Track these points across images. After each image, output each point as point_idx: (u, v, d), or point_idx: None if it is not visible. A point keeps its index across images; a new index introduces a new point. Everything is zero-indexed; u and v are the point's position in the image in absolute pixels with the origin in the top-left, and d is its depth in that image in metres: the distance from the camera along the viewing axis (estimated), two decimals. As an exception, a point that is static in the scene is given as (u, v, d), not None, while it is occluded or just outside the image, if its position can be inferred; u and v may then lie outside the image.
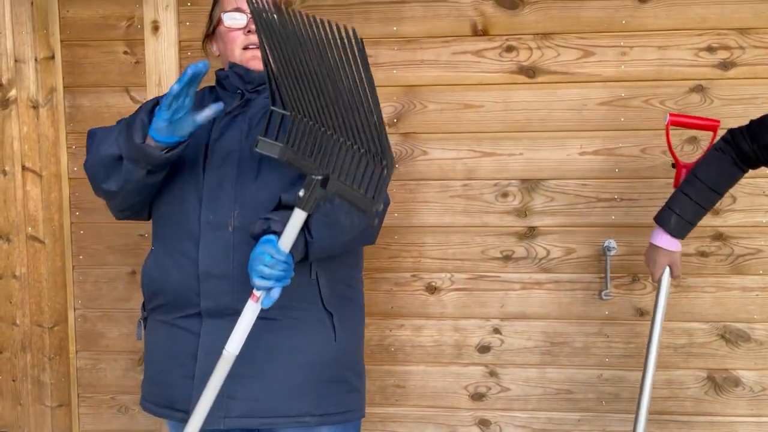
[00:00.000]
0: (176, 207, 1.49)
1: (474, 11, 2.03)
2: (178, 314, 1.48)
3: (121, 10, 2.10)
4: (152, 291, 1.52)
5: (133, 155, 1.36)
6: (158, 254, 1.51)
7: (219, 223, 1.44)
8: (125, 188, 1.42)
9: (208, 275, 1.43)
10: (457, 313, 2.13)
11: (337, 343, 1.50)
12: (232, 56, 1.55)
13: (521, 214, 2.08)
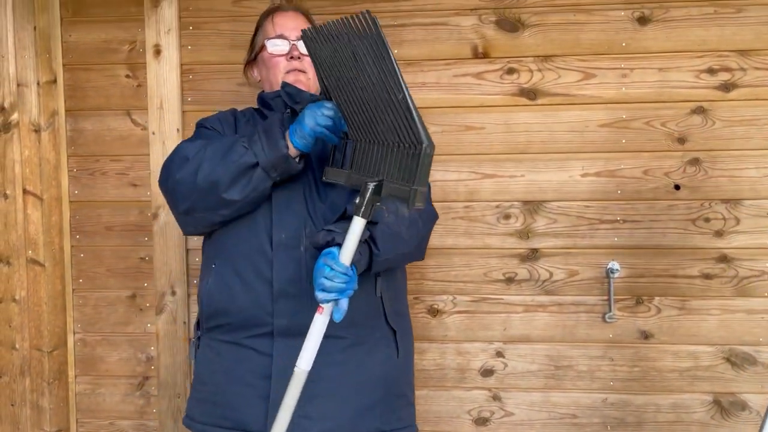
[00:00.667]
0: (244, 227, 1.50)
1: (475, 34, 2.04)
2: (246, 334, 1.49)
3: (123, 34, 2.12)
4: (214, 310, 1.52)
5: (274, 164, 1.40)
6: (223, 274, 1.51)
7: (290, 241, 1.47)
8: (248, 197, 1.44)
9: (283, 294, 1.46)
10: (460, 336, 2.11)
11: (399, 359, 1.57)
12: (275, 80, 1.62)
13: (523, 236, 2.07)
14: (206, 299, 1.54)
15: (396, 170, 1.23)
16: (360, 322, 1.49)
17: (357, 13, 1.17)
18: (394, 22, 2.05)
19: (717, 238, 2.00)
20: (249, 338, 1.49)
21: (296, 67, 1.60)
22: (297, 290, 1.45)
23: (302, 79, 1.61)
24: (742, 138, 1.98)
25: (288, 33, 1.62)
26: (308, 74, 1.61)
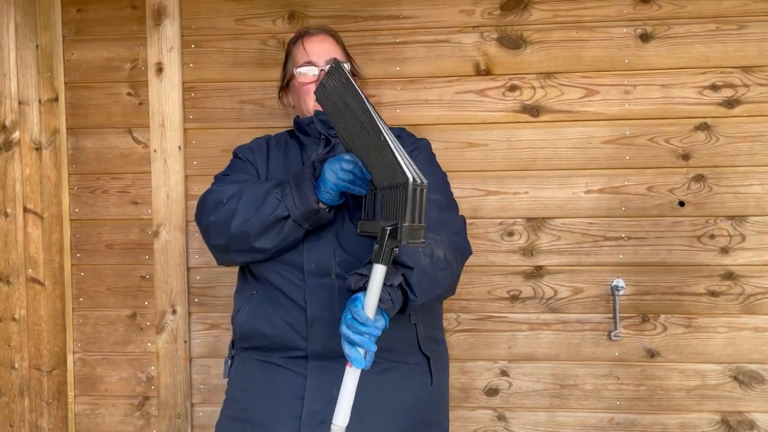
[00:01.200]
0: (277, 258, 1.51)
1: (477, 51, 2.04)
2: (281, 355, 1.51)
3: (125, 52, 2.12)
4: (250, 331, 1.54)
5: (305, 217, 1.42)
6: (260, 299, 1.53)
7: (321, 270, 1.49)
8: (281, 245, 1.47)
9: (316, 320, 1.47)
10: (464, 355, 2.08)
11: (434, 386, 1.55)
12: (306, 107, 1.64)
13: (527, 253, 2.05)
14: (244, 322, 1.55)
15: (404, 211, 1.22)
16: (393, 348, 1.48)
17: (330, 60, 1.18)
18: (396, 39, 2.05)
19: (723, 255, 1.99)
20: (284, 359, 1.51)
21: None
22: (330, 316, 1.47)
23: None
24: (747, 154, 1.97)
25: (317, 59, 1.64)
26: None
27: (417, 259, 1.39)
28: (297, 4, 2.06)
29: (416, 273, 1.37)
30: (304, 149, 1.65)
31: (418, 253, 1.40)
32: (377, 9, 2.05)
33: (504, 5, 2.02)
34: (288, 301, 1.50)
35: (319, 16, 2.06)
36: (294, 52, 1.67)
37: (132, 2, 2.10)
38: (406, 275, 1.36)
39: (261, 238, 1.45)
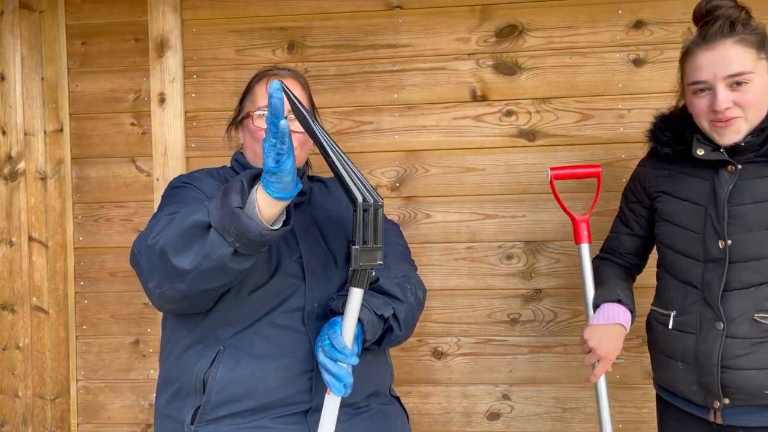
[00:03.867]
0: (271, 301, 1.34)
1: (473, 78, 2.07)
2: (275, 414, 1.31)
3: (129, 83, 2.16)
4: (233, 396, 1.30)
5: (224, 223, 1.11)
6: (236, 355, 1.31)
7: (323, 309, 1.36)
8: (201, 267, 1.15)
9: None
10: (465, 379, 2.09)
11: (408, 424, 1.54)
12: (258, 155, 1.44)
13: (527, 276, 2.06)
14: (220, 387, 1.30)
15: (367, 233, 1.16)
16: (380, 391, 1.46)
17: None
18: (394, 67, 2.09)
19: (721, 276, 1.99)
20: (277, 418, 1.32)
21: None
22: None
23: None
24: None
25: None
26: (299, 152, 1.45)
27: (406, 295, 1.36)
28: (296, 34, 2.11)
29: (404, 308, 1.34)
30: None
31: (407, 289, 1.38)
32: (375, 38, 2.10)
33: (499, 33, 2.06)
34: (285, 350, 1.31)
35: (318, 45, 2.11)
36: (255, 91, 1.50)
37: (135, 35, 2.15)
38: (396, 309, 1.32)
39: (178, 255, 1.15)
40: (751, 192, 1.40)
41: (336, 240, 1.47)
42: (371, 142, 2.10)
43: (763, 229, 1.39)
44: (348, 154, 1.86)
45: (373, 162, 2.11)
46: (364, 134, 2.11)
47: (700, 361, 1.44)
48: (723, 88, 1.37)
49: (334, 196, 1.59)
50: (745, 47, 1.36)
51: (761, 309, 1.39)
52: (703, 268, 1.45)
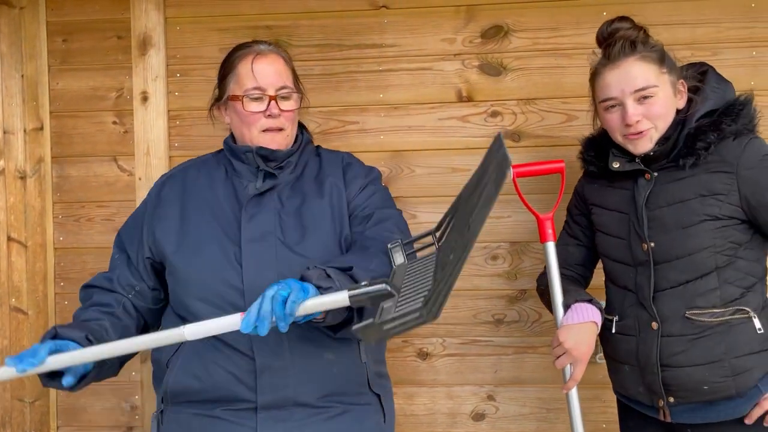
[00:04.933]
0: (212, 300, 1.40)
1: (459, 78, 2.07)
2: (225, 407, 1.40)
3: (110, 81, 2.13)
4: (185, 388, 1.42)
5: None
6: (193, 351, 1.40)
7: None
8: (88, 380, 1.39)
9: (266, 369, 1.39)
10: (451, 380, 2.08)
11: (386, 423, 1.53)
12: (249, 135, 1.50)
13: (511, 277, 2.07)
14: (175, 380, 1.43)
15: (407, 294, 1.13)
16: (346, 391, 1.45)
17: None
18: (379, 67, 2.08)
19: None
20: (228, 411, 1.40)
21: (274, 125, 1.48)
22: (281, 363, 1.39)
23: (279, 138, 1.50)
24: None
25: (267, 85, 1.48)
26: (286, 131, 1.52)
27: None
28: (282, 33, 2.10)
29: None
30: (238, 175, 1.52)
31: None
32: (361, 38, 2.09)
33: (484, 33, 2.06)
34: (230, 350, 1.39)
35: (303, 44, 2.09)
36: (240, 71, 1.49)
37: (117, 32, 2.13)
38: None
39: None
40: (664, 195, 1.50)
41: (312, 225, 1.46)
42: (357, 142, 2.09)
43: (679, 228, 1.47)
44: None
45: (359, 162, 2.10)
46: (350, 134, 2.10)
47: (642, 362, 1.51)
48: (631, 102, 1.48)
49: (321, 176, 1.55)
50: (647, 63, 1.49)
51: (692, 306, 1.46)
52: (634, 272, 1.53)
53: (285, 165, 1.52)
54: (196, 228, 1.46)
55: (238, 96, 1.48)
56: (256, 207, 1.46)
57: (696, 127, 1.48)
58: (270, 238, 1.43)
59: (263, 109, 1.48)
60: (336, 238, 1.48)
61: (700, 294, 1.46)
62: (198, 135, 2.11)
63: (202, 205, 1.49)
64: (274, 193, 1.49)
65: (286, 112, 1.49)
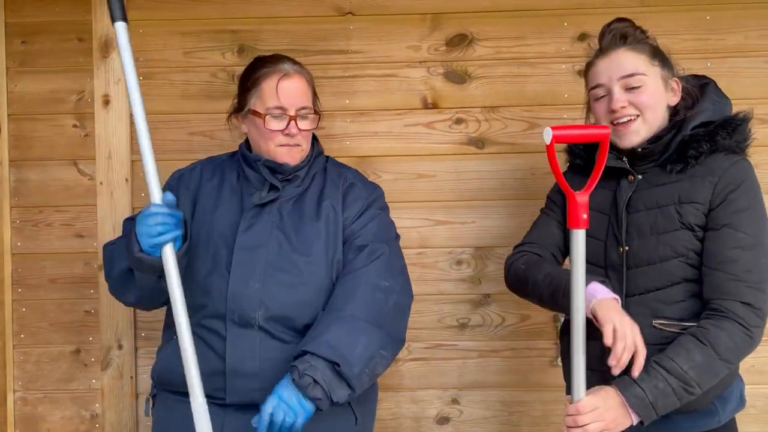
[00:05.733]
0: (200, 299, 1.50)
1: (424, 85, 2.09)
2: None
3: (71, 84, 2.10)
4: (168, 377, 1.54)
5: (138, 266, 1.40)
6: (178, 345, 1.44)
7: (245, 320, 1.47)
8: (144, 297, 1.50)
9: (236, 373, 1.47)
10: (415, 384, 2.10)
11: (357, 426, 1.57)
12: (265, 147, 1.57)
13: (476, 282, 2.09)
14: (160, 368, 1.57)
15: None
16: None
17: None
18: (345, 73, 2.09)
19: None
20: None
21: (291, 142, 1.56)
22: (251, 368, 1.47)
23: (294, 153, 1.58)
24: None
25: (289, 105, 1.55)
26: (302, 146, 1.59)
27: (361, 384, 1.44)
28: (247, 38, 2.09)
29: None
30: (248, 181, 1.60)
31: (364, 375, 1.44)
32: (327, 44, 2.09)
33: (449, 42, 2.09)
34: (207, 350, 1.48)
35: (269, 50, 2.07)
36: (264, 89, 1.55)
37: (79, 34, 2.09)
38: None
39: (124, 295, 1.54)
40: (645, 199, 1.48)
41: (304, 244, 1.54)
42: (323, 147, 2.09)
43: (655, 234, 1.45)
44: None
45: (325, 167, 2.10)
46: (316, 139, 2.10)
47: (607, 368, 1.42)
48: (618, 88, 1.48)
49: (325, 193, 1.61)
50: (637, 53, 1.49)
51: (659, 316, 1.43)
52: (604, 276, 1.49)
53: (292, 178, 1.58)
54: (202, 226, 1.55)
55: (260, 113, 1.55)
56: (254, 218, 1.54)
57: (691, 135, 1.45)
58: (261, 250, 1.50)
59: (283, 127, 1.55)
60: (327, 261, 1.55)
61: (668, 304, 1.44)
62: (161, 139, 2.08)
63: (210, 206, 1.58)
64: (275, 205, 1.56)
65: (304, 131, 1.57)
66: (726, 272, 1.38)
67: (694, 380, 1.33)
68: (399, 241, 1.68)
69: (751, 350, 1.39)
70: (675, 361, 1.34)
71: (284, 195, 1.57)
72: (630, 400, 1.33)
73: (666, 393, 1.33)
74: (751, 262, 1.38)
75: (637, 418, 1.34)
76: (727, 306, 1.36)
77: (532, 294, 1.56)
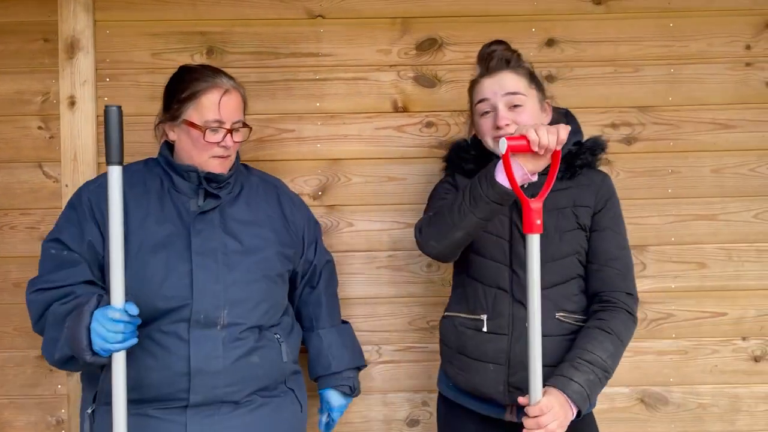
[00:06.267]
0: (156, 305, 1.51)
1: (394, 89, 2.10)
2: (157, 406, 1.52)
3: (36, 85, 2.06)
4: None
5: (83, 362, 1.40)
6: (131, 351, 1.46)
7: (209, 321, 1.53)
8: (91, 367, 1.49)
9: (200, 372, 1.51)
10: (386, 387, 2.10)
11: (303, 413, 1.72)
12: (198, 158, 1.61)
13: (446, 284, 2.10)
14: (108, 378, 1.48)
15: None
16: (266, 386, 1.62)
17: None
18: (316, 76, 2.09)
19: (626, 283, 2.10)
20: (159, 410, 1.52)
21: (224, 154, 1.61)
22: (216, 368, 1.52)
23: (225, 164, 1.64)
24: (645, 188, 2.11)
25: (227, 120, 1.60)
26: (231, 157, 1.66)
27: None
28: (216, 40, 2.08)
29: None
30: (177, 190, 1.62)
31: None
32: (297, 46, 2.09)
33: (419, 46, 2.10)
34: (166, 353, 1.50)
35: (238, 52, 2.08)
36: (203, 102, 1.58)
37: (44, 35, 2.06)
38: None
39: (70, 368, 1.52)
40: (546, 202, 1.53)
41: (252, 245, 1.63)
42: (293, 150, 2.10)
43: (558, 232, 1.59)
44: (269, 162, 1.91)
45: (295, 170, 2.10)
46: (286, 142, 2.10)
47: (514, 360, 1.56)
48: (503, 106, 1.60)
49: (256, 197, 1.72)
50: (518, 75, 1.62)
51: (561, 308, 1.57)
52: (510, 272, 1.60)
53: (224, 186, 1.64)
54: (139, 235, 1.54)
55: (198, 125, 1.58)
56: (202, 223, 1.58)
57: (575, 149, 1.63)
58: (217, 253, 1.56)
59: (219, 140, 1.60)
60: (278, 257, 1.67)
61: (567, 298, 1.58)
62: (128, 141, 2.00)
63: (141, 215, 1.57)
64: (215, 212, 1.62)
65: (237, 143, 1.64)
66: (614, 268, 1.59)
67: (611, 367, 1.51)
68: None
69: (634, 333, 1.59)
70: (594, 353, 1.49)
71: (222, 201, 1.63)
72: (572, 396, 1.44)
73: (595, 383, 1.47)
74: (627, 260, 1.61)
75: (576, 410, 1.46)
76: (618, 297, 1.56)
77: (451, 216, 1.52)
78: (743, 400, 2.11)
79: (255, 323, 1.58)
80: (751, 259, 2.11)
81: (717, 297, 2.11)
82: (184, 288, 1.52)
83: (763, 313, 2.11)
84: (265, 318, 1.61)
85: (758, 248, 2.11)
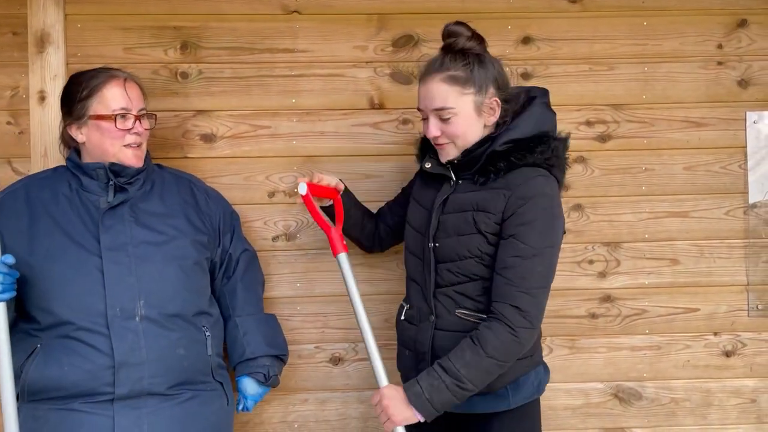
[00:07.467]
0: (71, 304, 1.56)
1: (371, 86, 2.10)
2: (83, 400, 1.55)
3: (5, 79, 2.03)
4: (44, 386, 1.56)
5: None
6: (49, 351, 1.56)
7: (126, 314, 1.57)
8: None
9: (124, 364, 1.55)
10: (363, 384, 2.10)
11: (230, 406, 1.77)
12: (111, 150, 1.68)
13: (422, 282, 2.10)
14: (34, 379, 1.56)
15: None
16: (192, 379, 1.66)
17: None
18: (291, 72, 2.08)
19: (601, 279, 2.12)
20: (85, 404, 1.55)
21: (136, 141, 1.68)
22: (138, 359, 1.57)
23: (139, 153, 1.71)
24: (619, 185, 2.13)
25: (132, 107, 1.68)
26: (143, 147, 1.73)
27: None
28: (190, 35, 2.05)
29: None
30: (86, 190, 1.67)
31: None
32: (273, 42, 2.08)
33: (395, 42, 2.09)
34: (88, 349, 1.54)
35: (213, 47, 2.06)
36: (105, 92, 1.65)
37: (13, 28, 2.02)
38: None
39: None
40: (454, 203, 1.63)
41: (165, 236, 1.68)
42: (268, 146, 2.08)
43: (456, 235, 1.62)
44: (244, 159, 1.90)
45: (271, 167, 2.08)
46: (261, 138, 2.08)
47: (418, 349, 1.65)
48: (433, 118, 1.62)
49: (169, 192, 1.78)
50: (450, 85, 1.58)
51: (461, 306, 1.61)
52: (422, 266, 1.67)
53: (134, 181, 1.68)
54: (48, 237, 1.58)
55: (107, 115, 1.64)
56: (111, 219, 1.63)
57: (500, 151, 1.57)
58: (128, 247, 1.61)
59: (130, 126, 1.66)
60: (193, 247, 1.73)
61: (468, 297, 1.60)
62: None
63: (50, 218, 1.61)
64: (125, 206, 1.67)
65: (146, 130, 1.72)
66: (504, 277, 1.52)
67: (466, 377, 1.48)
68: None
69: (519, 349, 1.52)
70: (451, 360, 1.50)
71: (131, 195, 1.66)
72: (410, 398, 1.51)
73: (440, 389, 1.48)
74: (527, 270, 1.51)
75: (420, 414, 1.50)
76: (499, 308, 1.51)
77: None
78: (715, 395, 2.14)
79: (175, 312, 1.63)
80: (723, 256, 2.14)
81: (689, 293, 2.14)
82: (97, 284, 1.56)
83: (734, 308, 2.15)
84: (185, 307, 1.66)
85: (729, 245, 2.14)
